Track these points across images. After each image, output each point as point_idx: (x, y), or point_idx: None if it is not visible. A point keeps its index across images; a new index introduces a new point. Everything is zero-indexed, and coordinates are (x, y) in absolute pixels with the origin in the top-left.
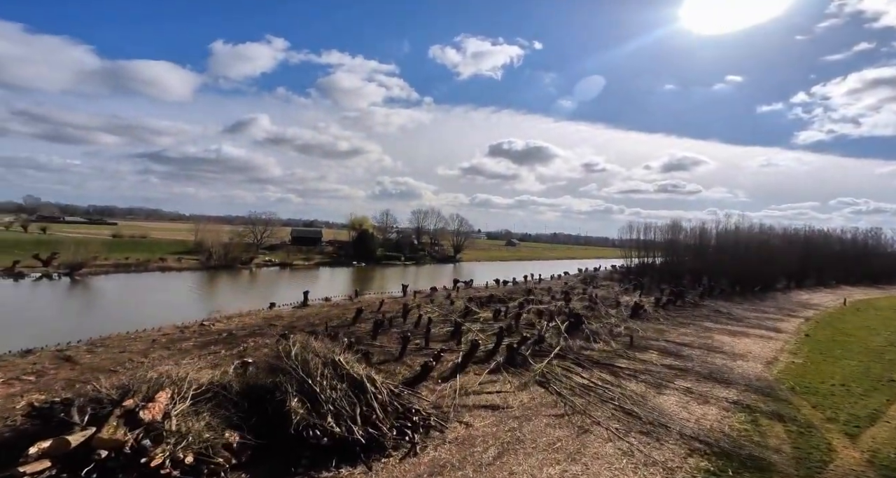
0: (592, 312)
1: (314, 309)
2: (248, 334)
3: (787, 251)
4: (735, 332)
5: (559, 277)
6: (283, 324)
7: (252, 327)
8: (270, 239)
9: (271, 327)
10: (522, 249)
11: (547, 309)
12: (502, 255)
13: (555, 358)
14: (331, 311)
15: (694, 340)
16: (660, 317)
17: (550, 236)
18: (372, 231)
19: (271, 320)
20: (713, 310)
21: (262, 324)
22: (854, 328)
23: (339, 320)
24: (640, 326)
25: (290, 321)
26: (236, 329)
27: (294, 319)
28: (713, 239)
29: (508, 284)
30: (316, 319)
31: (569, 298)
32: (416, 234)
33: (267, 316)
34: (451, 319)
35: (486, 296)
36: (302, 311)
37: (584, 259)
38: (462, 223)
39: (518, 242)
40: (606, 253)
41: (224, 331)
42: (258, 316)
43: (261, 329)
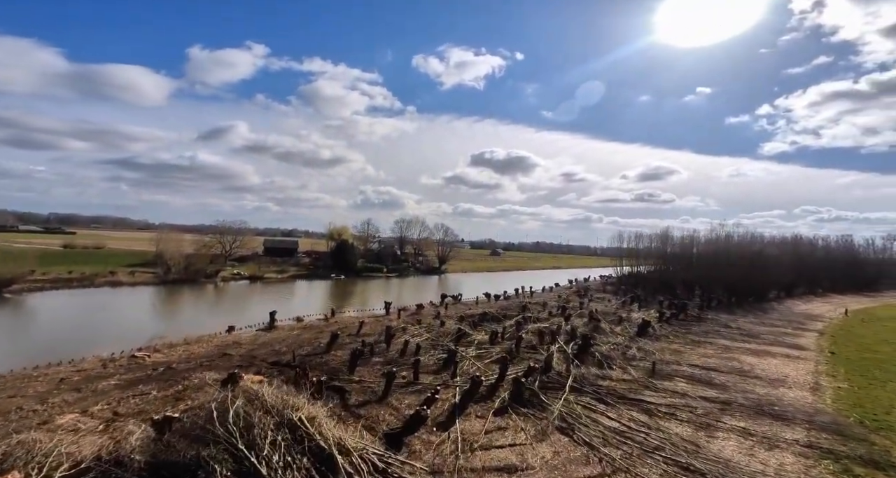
0: (596, 329)
1: (282, 333)
2: (192, 368)
3: (780, 260)
4: (757, 351)
5: (551, 289)
6: (240, 353)
7: (200, 359)
8: (241, 250)
9: (225, 358)
10: (508, 259)
11: (548, 329)
12: (488, 265)
13: (570, 392)
14: (302, 334)
15: (719, 364)
16: (668, 334)
17: (533, 245)
18: (352, 241)
19: (227, 348)
20: (720, 324)
21: (214, 354)
22: (874, 343)
23: (310, 347)
24: (653, 347)
25: (250, 350)
26: (178, 362)
27: (255, 347)
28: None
29: (500, 299)
30: (282, 346)
31: (567, 314)
32: (399, 244)
33: (222, 343)
34: (443, 344)
35: (478, 314)
36: (267, 335)
37: (570, 269)
38: (447, 233)
39: (502, 252)
40: (591, 262)
41: (161, 364)
42: (211, 343)
43: (211, 361)
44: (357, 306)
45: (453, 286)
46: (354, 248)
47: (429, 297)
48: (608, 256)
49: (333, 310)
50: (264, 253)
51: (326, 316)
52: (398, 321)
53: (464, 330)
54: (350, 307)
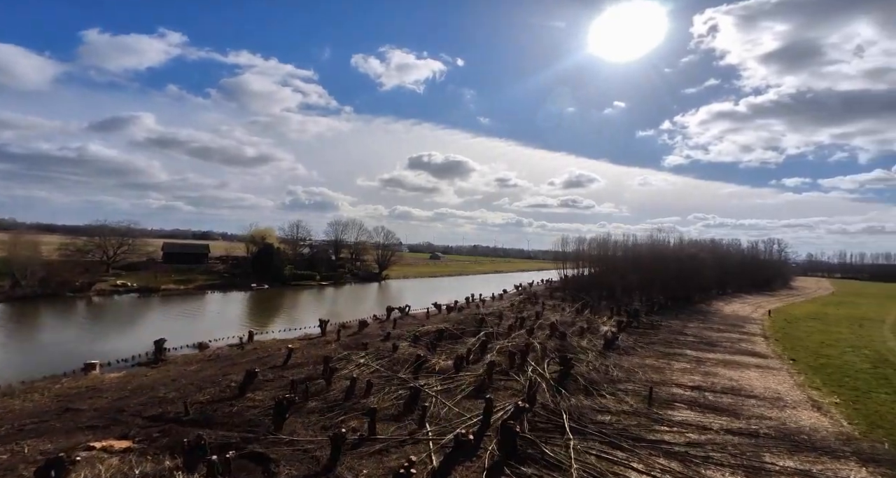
0: (563, 344)
1: (173, 369)
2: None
3: (705, 263)
4: (728, 362)
5: (501, 296)
6: (98, 406)
7: (22, 420)
8: (131, 256)
9: (69, 416)
10: (450, 264)
11: (517, 348)
12: (430, 270)
13: (572, 435)
14: (204, 370)
15: (703, 381)
16: (635, 346)
17: (471, 249)
18: (278, 245)
19: (74, 400)
20: (674, 331)
21: (52, 409)
22: (817, 346)
23: (216, 389)
24: (629, 363)
25: (115, 400)
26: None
27: (126, 394)
28: (636, 252)
29: (452, 311)
30: (170, 391)
31: (528, 327)
32: (335, 248)
33: (70, 391)
34: (400, 377)
35: (433, 331)
36: (150, 373)
37: (510, 273)
38: (388, 236)
39: (442, 256)
40: (529, 265)
41: None
42: (51, 392)
43: (42, 422)
44: (284, 325)
45: (396, 295)
46: (281, 253)
47: (371, 309)
48: (542, 259)
49: (251, 333)
50: (164, 259)
51: (242, 340)
52: (338, 345)
53: (421, 355)
54: (275, 326)
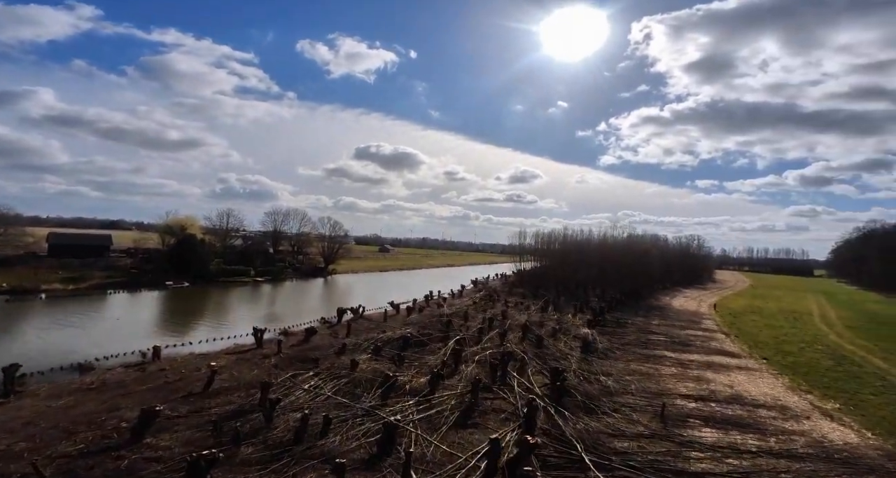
0: (539, 348)
1: (28, 405)
2: None
3: (653, 258)
4: (711, 364)
5: (460, 292)
6: None
7: None
8: (3, 248)
9: None
10: (400, 257)
11: (494, 356)
12: (380, 263)
13: (598, 472)
14: (77, 406)
15: (701, 389)
16: (612, 348)
17: (420, 241)
18: (203, 236)
19: None
20: (642, 330)
21: None
22: (777, 342)
23: (91, 435)
24: (615, 369)
25: None
26: None
27: None
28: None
29: (412, 311)
30: (17, 441)
31: (496, 329)
32: (273, 240)
33: None
34: (366, 407)
35: (396, 338)
36: None
37: (463, 266)
38: (335, 227)
39: (391, 248)
40: (481, 258)
41: None
42: None
43: None
44: (207, 333)
45: (346, 292)
46: (206, 245)
47: (318, 310)
48: (490, 252)
49: (157, 348)
50: (49, 253)
51: (146, 356)
52: (279, 360)
53: (388, 374)
54: (194, 335)
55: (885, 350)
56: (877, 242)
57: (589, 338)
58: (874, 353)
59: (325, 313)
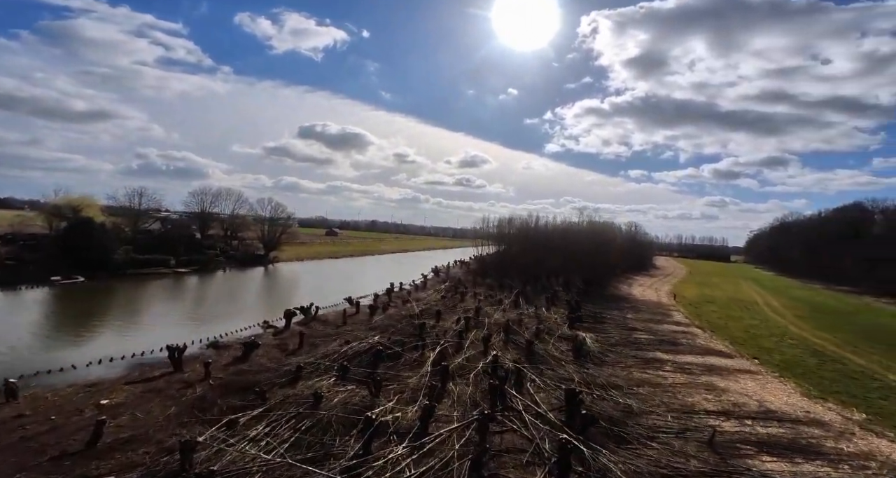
0: (529, 353)
1: None
2: None
3: (611, 246)
4: (710, 368)
5: (423, 283)
6: None
7: None
8: None
9: None
10: (351, 242)
11: (487, 367)
12: (329, 249)
13: None
14: None
15: (722, 401)
16: (605, 351)
17: (369, 224)
18: (105, 219)
19: None
20: (620, 325)
21: None
22: (750, 336)
23: None
24: (621, 379)
25: None
26: None
27: None
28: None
29: (376, 312)
30: None
31: (475, 329)
32: (200, 224)
33: None
34: (341, 465)
35: (363, 350)
36: None
37: (418, 251)
38: (277, 209)
39: (340, 232)
40: (435, 243)
41: None
42: None
43: None
44: (98, 350)
45: (292, 286)
46: (108, 229)
47: (258, 309)
48: (443, 236)
49: (9, 384)
50: None
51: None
52: (205, 391)
53: (370, 416)
54: (77, 353)
55: (847, 342)
56: (796, 233)
57: (579, 339)
58: (841, 346)
59: (268, 314)
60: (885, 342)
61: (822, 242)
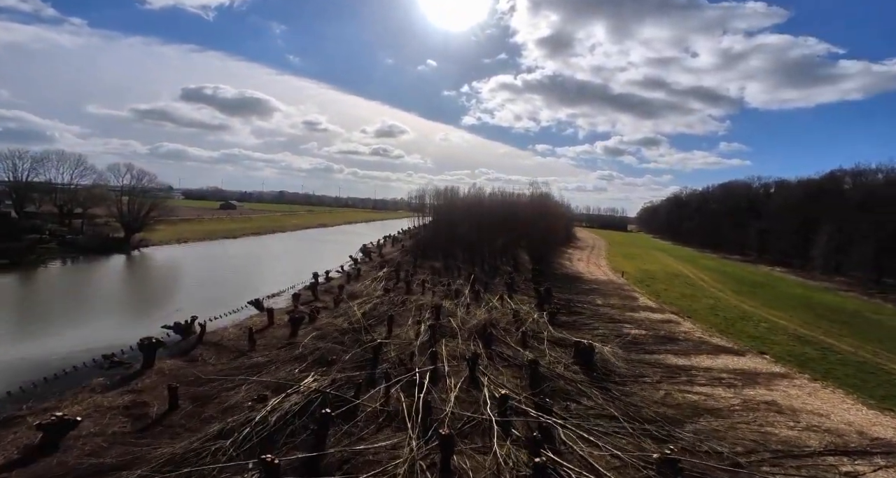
0: (536, 383)
1: None
2: None
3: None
4: (739, 372)
5: (355, 269)
6: None
7: None
8: None
9: None
10: (253, 216)
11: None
12: (224, 227)
13: None
14: None
15: (810, 432)
16: (617, 359)
17: (276, 195)
18: None
19: None
20: (598, 316)
21: None
22: (726, 321)
23: None
24: (651, 402)
25: None
26: None
27: None
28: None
29: (300, 324)
30: None
31: (445, 341)
32: (16, 198)
33: None
34: None
35: (296, 412)
36: None
37: (337, 225)
38: (142, 178)
39: (238, 204)
40: (355, 215)
41: None
42: None
43: None
44: None
45: (164, 284)
46: None
47: (92, 335)
48: (361, 207)
49: None
50: None
51: None
52: None
53: None
54: None
55: (809, 323)
56: (695, 207)
57: (582, 347)
58: (810, 328)
59: (114, 341)
60: (837, 321)
61: (718, 216)
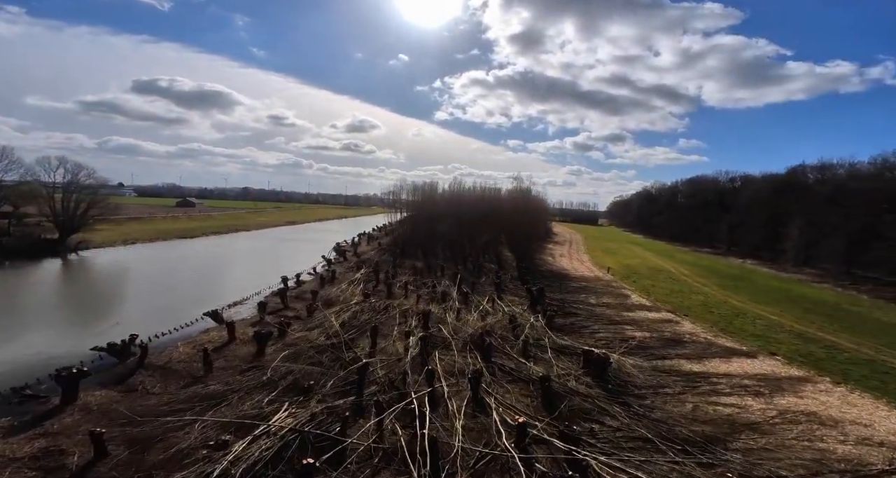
0: (550, 402)
1: None
2: None
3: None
4: (761, 378)
5: (330, 272)
6: None
7: None
8: None
9: None
10: (214, 214)
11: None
12: (180, 226)
13: None
14: None
15: (866, 448)
16: (628, 368)
17: (240, 192)
18: None
19: None
20: (595, 318)
21: None
22: (722, 318)
23: None
24: (691, 419)
25: None
26: None
27: None
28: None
29: (268, 340)
30: None
31: (453, 361)
32: None
33: None
34: None
35: (268, 460)
36: None
37: (307, 222)
38: (79, 174)
39: (198, 202)
40: (326, 212)
41: None
42: None
43: None
44: None
45: (104, 291)
46: None
47: (23, 347)
48: (332, 203)
49: None
50: None
51: None
52: None
53: None
54: None
55: (800, 318)
56: (663, 200)
57: (598, 355)
58: (804, 324)
59: (27, 366)
60: (822, 314)
61: (687, 210)
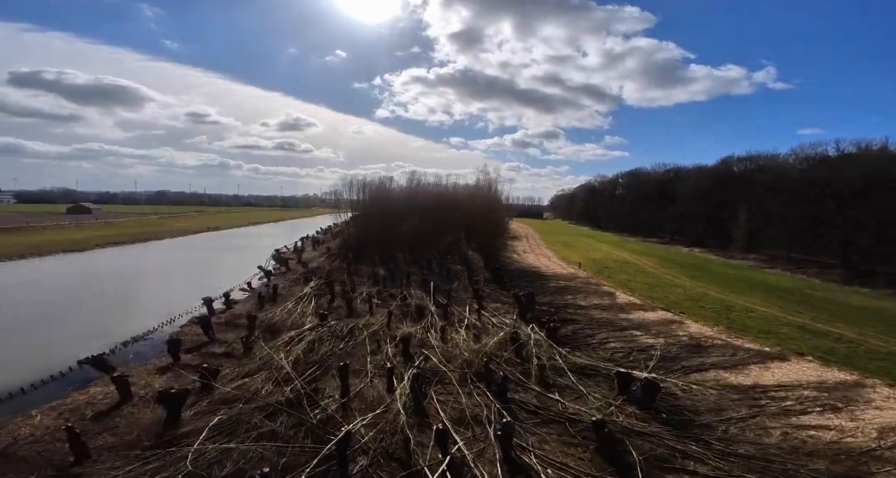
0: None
1: None
2: None
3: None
4: (814, 386)
5: (271, 288)
6: None
7: None
8: None
9: None
10: (116, 222)
11: None
12: (69, 236)
13: None
14: None
15: None
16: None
17: (155, 195)
18: None
19: None
20: (596, 323)
21: None
22: (717, 313)
23: None
24: (776, 450)
25: None
26: None
27: None
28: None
29: (190, 396)
30: None
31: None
32: None
33: None
34: None
35: None
36: None
37: (238, 227)
38: None
39: (97, 207)
40: (262, 215)
41: None
42: None
43: None
44: None
45: None
46: None
47: None
48: (266, 206)
49: None
50: None
51: None
52: None
53: None
54: None
55: (785, 308)
56: (607, 193)
57: (638, 384)
58: (794, 314)
59: None
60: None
61: (630, 201)
